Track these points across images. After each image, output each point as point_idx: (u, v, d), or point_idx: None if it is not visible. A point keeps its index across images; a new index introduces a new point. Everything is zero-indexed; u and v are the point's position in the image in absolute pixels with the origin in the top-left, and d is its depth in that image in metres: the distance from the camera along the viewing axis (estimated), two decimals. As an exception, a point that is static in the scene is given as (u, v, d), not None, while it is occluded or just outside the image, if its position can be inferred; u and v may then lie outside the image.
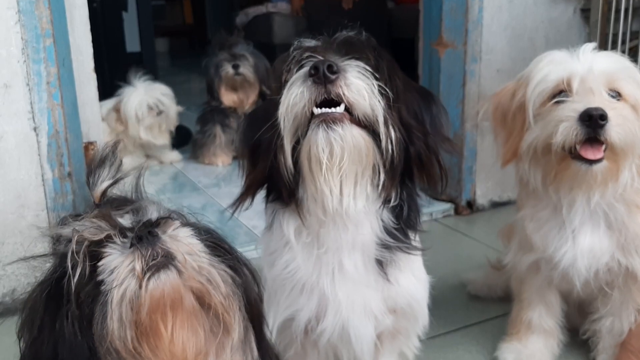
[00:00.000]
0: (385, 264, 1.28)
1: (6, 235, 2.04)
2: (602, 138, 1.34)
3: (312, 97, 1.09)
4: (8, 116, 1.96)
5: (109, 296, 0.87)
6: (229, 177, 3.62)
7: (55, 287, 0.90)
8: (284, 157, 1.15)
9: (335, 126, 1.09)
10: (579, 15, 2.85)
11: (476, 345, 1.85)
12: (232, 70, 3.75)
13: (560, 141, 1.36)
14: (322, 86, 1.08)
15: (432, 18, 2.76)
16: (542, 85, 1.44)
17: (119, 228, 0.93)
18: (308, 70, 1.09)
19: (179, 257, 0.91)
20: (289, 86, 1.12)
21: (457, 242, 2.63)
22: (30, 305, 0.93)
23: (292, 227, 1.25)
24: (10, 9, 1.90)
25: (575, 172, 1.39)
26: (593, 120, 1.32)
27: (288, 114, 1.11)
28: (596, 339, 1.68)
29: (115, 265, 0.88)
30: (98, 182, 1.04)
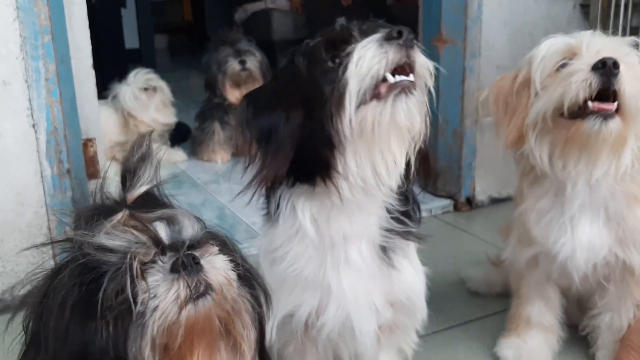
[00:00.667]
0: (390, 250, 1.29)
1: (6, 232, 2.04)
2: (616, 87, 1.31)
3: (394, 59, 1.10)
4: (7, 113, 1.96)
5: (149, 319, 0.86)
6: (228, 174, 3.62)
7: (84, 297, 0.88)
8: (343, 117, 1.12)
9: (409, 94, 1.12)
10: (579, 10, 2.85)
11: (476, 341, 1.85)
12: (239, 66, 3.74)
13: (575, 93, 1.33)
14: (404, 50, 1.10)
15: (432, 14, 2.75)
16: (549, 54, 1.44)
17: (160, 246, 0.92)
18: (388, 33, 1.10)
19: (216, 288, 0.91)
20: (364, 47, 1.11)
21: (456, 238, 2.64)
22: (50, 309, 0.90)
23: (308, 215, 1.24)
24: (8, 5, 1.90)
25: (587, 132, 1.35)
26: (607, 68, 1.31)
27: (362, 73, 1.11)
28: (595, 334, 1.67)
29: (162, 292, 0.87)
30: (136, 184, 1.01)
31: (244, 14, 6.63)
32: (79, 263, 0.89)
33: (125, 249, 0.89)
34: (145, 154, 1.03)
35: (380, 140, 1.14)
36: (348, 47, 1.14)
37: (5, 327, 0.99)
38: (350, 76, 1.11)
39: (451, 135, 2.80)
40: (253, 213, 2.71)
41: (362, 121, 1.13)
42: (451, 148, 2.82)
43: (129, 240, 0.90)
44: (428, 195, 2.92)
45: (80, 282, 0.88)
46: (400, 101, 1.11)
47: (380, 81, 1.12)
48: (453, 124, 2.78)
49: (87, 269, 0.89)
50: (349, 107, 1.12)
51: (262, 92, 1.30)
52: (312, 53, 1.19)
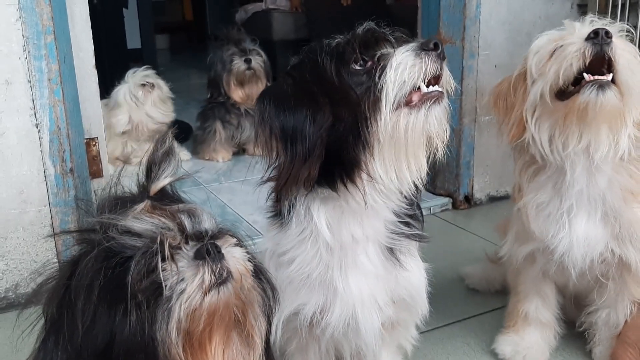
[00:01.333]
0: (397, 251, 1.32)
1: (9, 231, 2.06)
2: (610, 54, 1.34)
3: (430, 70, 1.14)
4: (10, 113, 1.98)
5: (175, 303, 0.89)
6: (229, 173, 3.64)
7: (110, 281, 0.89)
8: (378, 122, 1.15)
9: (440, 104, 1.17)
10: (577, 10, 2.86)
11: (474, 337, 1.87)
12: (245, 65, 3.75)
13: (569, 64, 1.37)
14: (439, 62, 1.15)
15: (430, 14, 2.77)
16: (543, 44, 1.47)
17: (185, 234, 0.95)
18: (424, 44, 1.15)
19: (235, 276, 0.95)
20: (400, 55, 1.14)
21: (455, 236, 2.65)
22: (75, 295, 0.91)
23: (324, 217, 1.25)
24: (11, 5, 1.92)
25: (585, 104, 1.37)
26: (600, 37, 1.34)
27: (398, 82, 1.14)
28: (592, 331, 1.69)
29: (189, 276, 0.91)
30: (160, 176, 1.05)
31: (244, 14, 6.63)
32: (104, 247, 0.91)
33: (153, 233, 0.92)
34: (169, 148, 1.08)
35: (409, 146, 1.17)
36: (380, 51, 1.17)
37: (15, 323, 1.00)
38: (388, 81, 1.14)
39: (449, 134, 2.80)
40: (254, 211, 2.75)
41: (394, 126, 1.15)
42: (449, 146, 2.82)
43: (156, 224, 0.94)
44: (427, 194, 2.94)
45: (106, 266, 0.90)
46: (433, 110, 1.16)
47: (413, 89, 1.15)
48: (451, 122, 2.79)
49: (112, 254, 0.91)
50: (385, 111, 1.14)
51: (283, 89, 1.25)
52: (340, 53, 1.19)
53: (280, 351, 1.44)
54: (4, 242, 2.06)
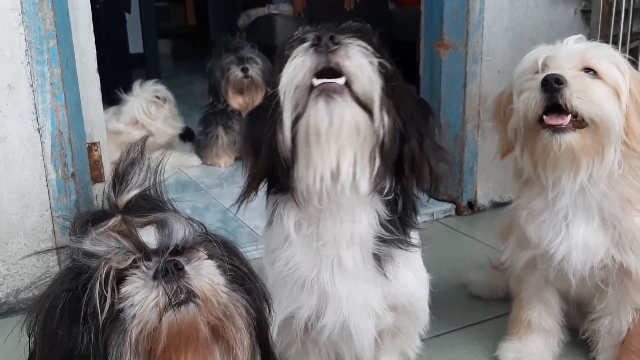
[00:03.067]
0: (383, 259, 1.29)
1: (10, 235, 2.05)
2: (560, 102, 1.36)
3: (312, 65, 1.09)
4: (12, 117, 1.97)
5: (128, 326, 0.86)
6: (231, 178, 3.63)
7: (71, 302, 0.89)
8: (282, 131, 1.12)
9: (335, 97, 1.09)
10: (580, 16, 2.86)
11: (477, 344, 1.86)
12: (241, 74, 3.76)
13: (524, 110, 1.40)
14: (324, 55, 1.09)
15: (434, 19, 2.77)
16: (523, 69, 1.49)
17: (144, 252, 0.91)
18: (310, 41, 1.10)
19: (200, 295, 0.90)
20: (291, 59, 1.11)
21: (458, 242, 2.64)
22: (43, 313, 0.92)
23: (292, 220, 1.26)
24: (13, 10, 1.92)
25: (544, 144, 1.41)
26: (549, 84, 1.36)
27: (289, 85, 1.11)
28: (596, 338, 1.68)
29: (139, 299, 0.87)
30: (125, 189, 1.01)
31: (247, 19, 6.64)
32: (70, 268, 0.91)
33: (105, 253, 0.89)
34: (134, 158, 1.03)
35: (313, 148, 1.12)
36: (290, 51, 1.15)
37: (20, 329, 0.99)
38: (280, 90, 1.12)
39: (453, 140, 2.81)
40: (256, 217, 2.74)
41: (298, 133, 1.12)
42: (453, 152, 2.82)
43: (110, 245, 0.90)
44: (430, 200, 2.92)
45: (68, 287, 0.89)
46: (320, 104, 1.09)
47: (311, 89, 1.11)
48: (455, 128, 2.79)
49: (77, 274, 0.90)
50: (285, 121, 1.12)
51: (260, 105, 1.32)
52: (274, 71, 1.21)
53: (281, 356, 1.44)
54: (5, 246, 2.06)
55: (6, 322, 2.03)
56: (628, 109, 1.42)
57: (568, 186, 1.47)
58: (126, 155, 1.04)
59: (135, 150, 1.05)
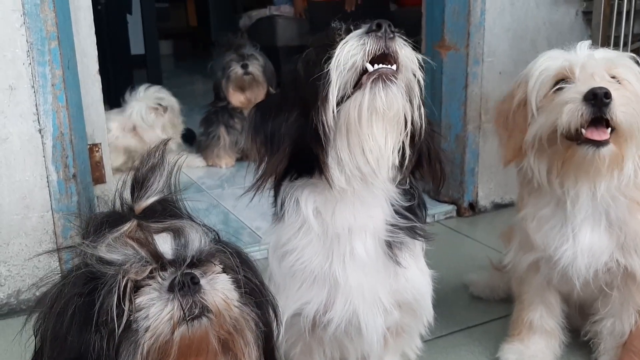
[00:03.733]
0: (395, 247, 1.32)
1: (11, 236, 2.05)
2: (607, 116, 1.35)
3: (371, 49, 1.15)
4: (13, 118, 1.98)
5: (141, 337, 0.86)
6: (233, 179, 3.63)
7: (83, 307, 0.88)
8: (326, 109, 1.17)
9: (391, 82, 1.15)
10: (581, 17, 2.86)
11: (479, 346, 1.86)
12: (242, 70, 3.77)
13: (566, 123, 1.37)
14: (382, 40, 1.15)
15: (435, 20, 2.77)
16: (544, 76, 1.46)
17: (160, 262, 0.91)
18: (368, 27, 1.16)
19: (213, 310, 0.90)
20: (345, 42, 1.16)
21: (460, 243, 2.64)
22: (53, 315, 0.90)
23: (311, 206, 1.28)
24: (15, 11, 1.92)
25: (582, 158, 1.39)
26: (598, 99, 1.33)
27: (343, 65, 1.15)
28: (598, 340, 1.68)
29: (154, 312, 0.87)
30: (144, 195, 0.99)
31: (248, 21, 6.65)
32: (82, 272, 0.89)
33: (122, 263, 0.88)
34: (155, 164, 1.02)
35: (363, 128, 1.17)
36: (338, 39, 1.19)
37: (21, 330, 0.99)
38: (331, 70, 1.15)
39: (454, 141, 2.81)
40: (257, 218, 2.74)
41: (345, 112, 1.17)
42: (454, 153, 2.82)
43: (126, 254, 0.90)
44: (431, 201, 2.92)
45: (80, 291, 0.88)
46: (377, 88, 1.15)
47: (363, 72, 1.16)
48: (456, 129, 2.79)
49: (90, 279, 0.89)
50: (332, 99, 1.16)
51: (270, 100, 1.37)
52: (308, 58, 1.24)
53: (285, 356, 1.44)
54: (7, 247, 2.06)
55: (7, 324, 2.03)
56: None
57: (586, 196, 1.47)
58: (146, 160, 1.02)
59: (156, 155, 1.03)
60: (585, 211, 1.49)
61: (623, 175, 1.42)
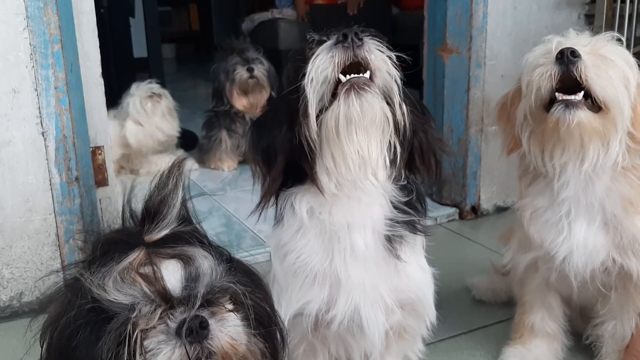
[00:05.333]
0: (395, 241, 1.33)
1: (14, 239, 2.06)
2: (576, 75, 1.35)
3: (340, 60, 1.16)
4: (16, 121, 1.98)
5: None
6: (235, 182, 3.64)
7: (88, 340, 0.87)
8: (308, 123, 1.20)
9: (364, 90, 1.18)
10: (583, 21, 2.86)
11: (480, 349, 1.86)
12: (247, 74, 3.77)
13: (538, 85, 1.39)
14: (350, 50, 1.16)
15: (437, 24, 2.77)
16: (532, 57, 1.48)
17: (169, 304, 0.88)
18: (336, 38, 1.18)
19: (220, 353, 0.88)
20: (316, 56, 1.18)
21: (462, 246, 2.64)
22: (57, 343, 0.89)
23: (305, 207, 1.30)
24: (18, 14, 1.93)
25: (556, 122, 1.39)
26: (565, 56, 1.35)
27: (315, 79, 1.17)
28: (599, 343, 1.68)
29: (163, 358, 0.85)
30: (156, 227, 0.95)
31: (250, 24, 6.65)
32: (89, 304, 0.87)
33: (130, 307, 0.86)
34: (168, 194, 0.97)
35: (342, 138, 1.20)
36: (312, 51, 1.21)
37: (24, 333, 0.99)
38: (306, 85, 1.18)
39: (456, 144, 2.81)
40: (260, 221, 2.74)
41: (324, 124, 1.20)
42: (456, 156, 2.83)
43: (134, 296, 0.87)
44: (433, 204, 2.93)
45: (86, 322, 0.87)
46: (351, 98, 1.17)
47: (338, 83, 1.18)
48: (458, 132, 2.79)
49: (96, 309, 0.87)
50: (311, 114, 1.19)
51: (265, 116, 1.41)
52: (288, 73, 1.27)
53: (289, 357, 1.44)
54: (9, 250, 2.06)
55: (10, 326, 2.03)
56: (636, 102, 1.43)
57: (573, 175, 1.47)
58: (158, 189, 0.97)
59: (169, 183, 0.97)
60: (575, 195, 1.49)
61: (609, 154, 1.42)
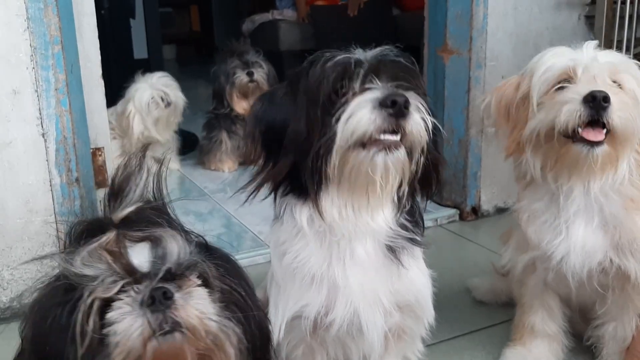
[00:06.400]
0: (397, 251, 1.33)
1: (14, 240, 2.06)
2: (604, 120, 1.36)
3: (381, 127, 1.15)
4: (17, 122, 1.98)
5: (112, 351, 0.86)
6: (235, 183, 3.63)
7: (60, 318, 0.89)
8: (328, 158, 1.19)
9: (392, 151, 1.18)
10: (584, 21, 2.86)
11: (481, 350, 1.85)
12: (247, 78, 3.76)
13: (564, 122, 1.38)
14: (394, 119, 1.15)
15: (437, 25, 2.77)
16: (547, 74, 1.47)
17: (134, 277, 0.90)
18: (382, 100, 1.14)
19: (187, 325, 0.88)
20: (355, 107, 1.16)
21: (462, 247, 2.64)
22: (34, 323, 0.92)
23: (305, 216, 1.29)
24: (19, 15, 1.93)
25: (576, 155, 1.41)
26: (597, 102, 1.35)
27: (349, 131, 1.16)
28: (600, 345, 1.67)
29: (122, 328, 0.86)
30: (120, 205, 0.98)
31: (251, 25, 6.66)
32: (62, 282, 0.90)
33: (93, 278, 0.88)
34: (131, 172, 1.00)
35: (359, 184, 1.22)
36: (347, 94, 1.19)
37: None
38: (338, 130, 1.16)
39: (456, 145, 2.81)
40: (260, 222, 2.74)
41: (343, 164, 1.20)
42: (456, 157, 2.83)
43: (99, 269, 0.89)
44: (434, 205, 2.92)
45: (59, 301, 0.89)
46: (378, 155, 1.17)
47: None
48: (458, 133, 2.79)
49: (69, 289, 0.89)
50: (335, 155, 1.18)
51: (276, 94, 1.34)
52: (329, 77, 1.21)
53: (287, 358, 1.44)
54: (10, 251, 2.06)
55: (10, 327, 2.03)
56: None
57: (579, 192, 1.49)
58: (123, 169, 1.01)
59: (133, 163, 1.01)
60: (578, 205, 1.50)
61: (617, 175, 1.44)
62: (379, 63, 1.22)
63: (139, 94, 3.59)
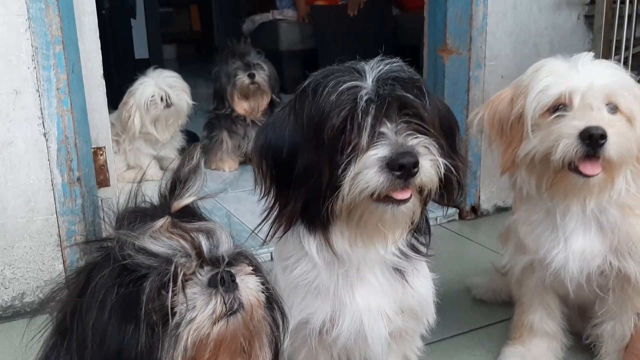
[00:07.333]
0: (405, 273, 1.34)
1: (16, 239, 2.07)
2: (600, 155, 1.36)
3: (390, 186, 1.14)
4: (18, 122, 1.99)
5: (183, 330, 0.88)
6: (236, 182, 3.64)
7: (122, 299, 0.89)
8: (336, 202, 1.18)
9: (400, 205, 1.18)
10: (583, 21, 2.86)
11: (481, 349, 1.86)
12: (248, 80, 3.77)
13: (560, 157, 1.38)
14: (403, 179, 1.13)
15: (437, 24, 2.78)
16: (542, 97, 1.44)
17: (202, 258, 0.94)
18: (391, 162, 1.12)
19: (247, 307, 0.94)
20: (362, 166, 1.13)
21: (462, 246, 2.64)
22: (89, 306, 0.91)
23: (314, 245, 1.28)
24: (20, 15, 1.93)
25: (572, 183, 1.43)
26: (593, 140, 1.35)
27: (357, 188, 1.14)
28: (599, 343, 1.68)
29: (200, 305, 0.90)
30: (183, 194, 1.03)
31: (251, 25, 6.67)
32: (120, 264, 0.90)
33: (170, 255, 0.91)
34: (196, 165, 1.06)
35: (369, 229, 1.23)
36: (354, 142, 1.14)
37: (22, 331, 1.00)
38: (345, 184, 1.15)
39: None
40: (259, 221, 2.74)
41: (353, 210, 1.20)
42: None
43: (173, 247, 0.93)
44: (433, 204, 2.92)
45: (120, 282, 0.90)
46: (387, 208, 1.17)
47: None
48: (459, 133, 2.79)
49: (127, 270, 0.90)
50: (341, 202, 1.17)
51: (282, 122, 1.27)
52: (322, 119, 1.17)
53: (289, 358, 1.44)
54: (11, 250, 2.07)
55: (11, 326, 2.03)
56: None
57: (577, 210, 1.50)
58: (187, 161, 1.07)
59: (195, 157, 1.07)
60: (575, 220, 1.52)
61: (614, 191, 1.45)
62: (386, 97, 1.16)
63: (141, 89, 3.53)
